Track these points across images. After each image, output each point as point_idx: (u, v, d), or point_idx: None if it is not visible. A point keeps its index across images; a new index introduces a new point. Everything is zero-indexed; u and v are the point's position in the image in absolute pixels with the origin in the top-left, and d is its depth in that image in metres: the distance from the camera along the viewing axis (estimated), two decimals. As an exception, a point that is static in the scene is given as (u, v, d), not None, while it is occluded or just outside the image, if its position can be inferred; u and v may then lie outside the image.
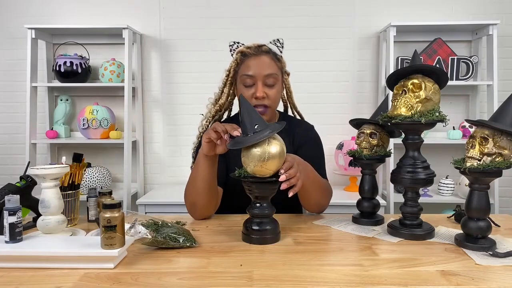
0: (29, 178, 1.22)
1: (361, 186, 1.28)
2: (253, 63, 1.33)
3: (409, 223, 1.14)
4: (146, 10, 2.75)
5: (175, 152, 2.81)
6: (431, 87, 1.07)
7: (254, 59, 1.34)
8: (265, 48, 1.36)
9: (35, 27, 2.52)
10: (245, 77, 1.33)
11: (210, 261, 0.96)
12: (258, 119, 1.05)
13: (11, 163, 2.82)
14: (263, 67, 1.32)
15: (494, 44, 2.47)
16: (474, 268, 0.91)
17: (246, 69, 1.33)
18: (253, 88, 1.32)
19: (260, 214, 1.08)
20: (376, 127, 1.25)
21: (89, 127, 2.56)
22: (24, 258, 0.92)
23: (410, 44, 2.69)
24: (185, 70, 2.76)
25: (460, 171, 1.01)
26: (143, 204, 2.40)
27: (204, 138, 1.15)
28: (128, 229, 0.97)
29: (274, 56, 1.37)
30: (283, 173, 1.04)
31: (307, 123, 1.52)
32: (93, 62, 2.73)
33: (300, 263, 0.94)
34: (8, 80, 2.79)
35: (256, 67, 1.32)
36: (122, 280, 0.85)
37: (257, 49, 1.35)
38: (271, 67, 1.34)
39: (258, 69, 1.32)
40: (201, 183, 1.23)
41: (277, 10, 2.71)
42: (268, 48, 1.37)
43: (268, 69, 1.33)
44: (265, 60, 1.34)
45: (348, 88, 2.75)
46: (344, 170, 2.49)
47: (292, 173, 1.05)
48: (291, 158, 1.10)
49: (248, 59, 1.34)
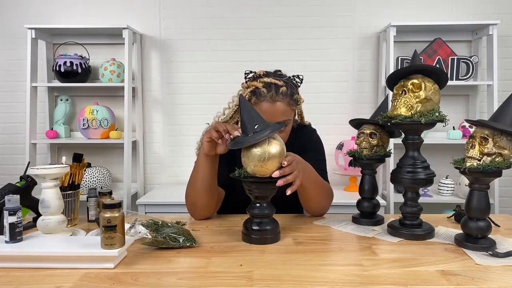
0: (29, 178, 1.22)
1: (361, 186, 1.28)
2: (266, 109, 1.23)
3: (409, 223, 1.14)
4: (146, 10, 2.75)
5: (175, 152, 2.81)
6: (431, 87, 1.07)
7: (268, 105, 1.24)
8: (283, 91, 1.24)
9: (35, 27, 2.52)
10: None
11: (210, 261, 0.96)
12: (258, 119, 1.05)
13: (11, 163, 2.82)
14: (277, 114, 1.24)
15: (494, 44, 2.47)
16: (474, 268, 0.91)
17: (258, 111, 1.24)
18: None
19: (260, 214, 1.08)
20: (376, 127, 1.25)
21: (89, 127, 2.56)
22: (24, 258, 0.92)
23: (410, 44, 2.69)
24: (185, 70, 2.76)
25: (460, 171, 1.01)
26: (143, 204, 2.40)
27: (205, 137, 1.15)
28: (128, 229, 0.97)
29: (290, 99, 1.27)
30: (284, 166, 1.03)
31: (309, 127, 1.51)
32: (93, 62, 2.73)
33: (300, 263, 0.94)
34: (8, 80, 2.79)
35: (270, 114, 1.23)
36: (122, 280, 0.85)
37: (273, 94, 1.23)
38: (285, 114, 1.26)
39: (271, 116, 1.23)
40: (201, 183, 1.23)
41: (277, 10, 2.71)
42: (285, 91, 1.25)
43: (282, 116, 1.25)
44: (280, 107, 1.24)
45: (348, 88, 2.75)
46: (344, 170, 2.49)
47: (287, 171, 1.04)
48: (291, 157, 1.09)
49: (261, 102, 1.24)
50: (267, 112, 1.24)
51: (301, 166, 1.13)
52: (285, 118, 1.27)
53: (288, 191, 1.05)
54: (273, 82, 1.26)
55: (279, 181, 1.03)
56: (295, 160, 1.10)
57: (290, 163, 1.05)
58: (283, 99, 1.25)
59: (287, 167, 1.05)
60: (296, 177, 1.06)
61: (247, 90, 1.28)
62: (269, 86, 1.25)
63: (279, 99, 1.25)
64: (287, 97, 1.26)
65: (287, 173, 1.04)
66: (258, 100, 1.25)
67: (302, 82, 1.34)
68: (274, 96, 1.24)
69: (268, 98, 1.24)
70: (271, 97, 1.24)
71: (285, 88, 1.25)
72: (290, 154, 1.10)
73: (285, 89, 1.25)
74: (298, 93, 1.33)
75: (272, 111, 1.24)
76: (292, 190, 1.06)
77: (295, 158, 1.11)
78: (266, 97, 1.24)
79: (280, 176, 1.03)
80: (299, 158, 1.15)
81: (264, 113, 1.21)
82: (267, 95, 1.24)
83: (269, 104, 1.24)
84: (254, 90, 1.26)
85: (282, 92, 1.25)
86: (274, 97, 1.24)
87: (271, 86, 1.25)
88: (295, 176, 1.06)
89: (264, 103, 1.24)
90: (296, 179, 1.07)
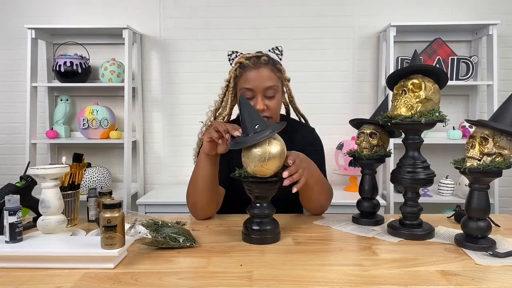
0: (29, 178, 1.22)
1: (361, 186, 1.28)
2: (252, 76, 1.30)
3: (409, 223, 1.14)
4: (146, 10, 2.75)
5: (175, 152, 2.81)
6: (431, 87, 1.07)
7: (253, 72, 1.30)
8: (264, 59, 1.32)
9: (35, 27, 2.52)
10: (245, 90, 1.31)
11: (210, 261, 0.96)
12: (259, 119, 1.05)
13: (11, 163, 2.82)
14: (263, 80, 1.30)
15: (494, 44, 2.47)
16: (474, 268, 0.91)
17: (245, 82, 1.31)
18: (253, 101, 1.31)
19: (260, 214, 1.08)
20: (376, 127, 1.25)
21: (89, 127, 2.56)
22: (24, 258, 0.92)
23: (410, 44, 2.69)
24: (185, 70, 2.76)
25: (460, 171, 1.01)
26: (143, 204, 2.40)
27: (206, 137, 1.15)
28: (128, 229, 0.97)
29: (273, 67, 1.33)
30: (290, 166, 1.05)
31: (308, 126, 1.52)
32: (93, 62, 2.73)
33: (300, 263, 0.94)
34: (8, 80, 2.79)
35: (255, 80, 1.30)
36: (122, 280, 0.86)
37: (255, 61, 1.31)
38: (270, 79, 1.31)
39: (257, 82, 1.30)
40: (202, 183, 1.23)
41: (277, 10, 2.71)
42: (267, 59, 1.33)
43: (267, 81, 1.31)
44: (264, 72, 1.31)
45: (348, 88, 2.75)
46: (344, 170, 2.49)
47: (294, 169, 1.06)
48: (295, 154, 1.10)
49: (247, 71, 1.31)
50: (253, 78, 1.30)
51: (305, 163, 1.13)
52: (271, 83, 1.32)
53: (294, 188, 1.06)
54: (254, 54, 1.35)
55: (285, 180, 1.04)
56: (299, 158, 1.11)
57: (294, 160, 1.07)
58: (266, 65, 1.32)
59: (293, 166, 1.05)
60: (301, 175, 1.07)
61: (232, 70, 1.35)
62: (251, 57, 1.34)
63: (261, 65, 1.32)
64: (269, 64, 1.33)
65: (293, 172, 1.05)
66: (243, 71, 1.32)
67: (282, 54, 1.39)
68: (257, 63, 1.31)
69: (251, 65, 1.31)
70: (253, 63, 1.31)
71: (266, 57, 1.34)
72: (292, 153, 1.11)
73: (266, 58, 1.33)
74: (281, 65, 1.39)
75: (257, 77, 1.30)
76: (298, 187, 1.07)
77: (299, 156, 1.12)
78: (250, 65, 1.31)
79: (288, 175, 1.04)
80: (302, 156, 1.16)
81: (251, 80, 1.30)
82: (250, 63, 1.31)
83: (253, 71, 1.31)
84: (239, 65, 1.34)
85: (264, 59, 1.32)
86: (257, 63, 1.31)
87: (253, 57, 1.34)
88: (300, 174, 1.07)
89: (249, 72, 1.31)
90: (302, 177, 1.07)
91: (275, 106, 1.34)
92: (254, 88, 1.30)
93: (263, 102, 1.31)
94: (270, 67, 1.33)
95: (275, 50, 1.39)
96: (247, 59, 1.32)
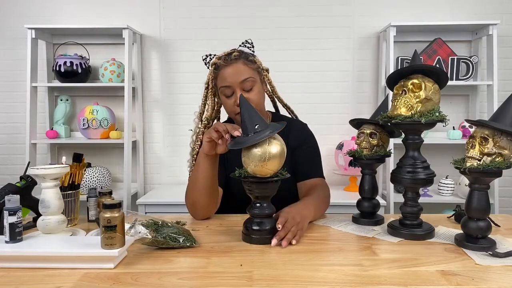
0: (29, 178, 1.22)
1: (361, 186, 1.27)
2: (227, 73, 1.31)
3: (409, 223, 1.14)
4: (146, 10, 2.75)
5: (175, 152, 2.81)
6: (431, 87, 1.07)
7: (227, 69, 1.32)
8: (235, 54, 1.34)
9: (35, 27, 2.52)
10: (224, 89, 1.32)
11: (210, 261, 0.96)
12: (259, 119, 1.05)
13: (11, 163, 2.82)
14: (237, 74, 1.31)
15: (494, 44, 2.47)
16: (474, 268, 0.91)
17: (222, 81, 1.33)
18: (233, 97, 1.32)
19: (260, 214, 1.08)
20: (376, 127, 1.25)
21: (89, 127, 2.56)
22: (24, 258, 0.92)
23: (410, 44, 2.69)
24: (185, 70, 2.76)
25: (460, 171, 1.01)
26: (143, 204, 2.41)
27: (205, 137, 1.15)
28: (128, 229, 0.97)
29: (245, 60, 1.34)
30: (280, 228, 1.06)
31: (300, 121, 1.51)
32: (93, 62, 2.73)
33: (300, 263, 0.94)
34: (8, 80, 2.79)
35: (230, 77, 1.31)
36: (122, 280, 0.85)
37: (227, 58, 1.33)
38: (245, 72, 1.32)
39: (232, 78, 1.30)
40: (202, 183, 1.23)
41: (277, 10, 2.71)
42: (237, 54, 1.34)
43: (242, 75, 1.31)
44: (237, 67, 1.32)
45: (348, 88, 2.75)
46: (344, 170, 2.49)
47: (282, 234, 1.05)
48: (285, 214, 1.10)
49: (221, 70, 1.33)
50: (228, 75, 1.31)
51: (299, 218, 1.12)
52: (246, 76, 1.32)
53: (293, 241, 1.06)
54: (227, 52, 1.37)
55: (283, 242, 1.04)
56: (290, 217, 1.10)
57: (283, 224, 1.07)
58: (238, 60, 1.33)
59: (282, 230, 1.06)
60: (294, 234, 1.07)
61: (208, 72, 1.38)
62: (222, 56, 1.36)
63: (233, 61, 1.33)
64: (241, 58, 1.34)
65: (283, 237, 1.05)
66: (218, 70, 1.34)
67: (253, 46, 1.40)
68: (228, 60, 1.33)
69: (223, 63, 1.33)
70: (224, 61, 1.33)
71: (236, 52, 1.35)
72: (283, 214, 1.11)
73: (237, 53, 1.35)
74: (255, 56, 1.40)
75: (231, 73, 1.31)
76: (297, 241, 1.07)
77: (289, 215, 1.11)
78: (222, 64, 1.33)
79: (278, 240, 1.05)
80: (294, 213, 1.13)
81: (226, 77, 1.31)
82: (222, 61, 1.33)
83: (227, 68, 1.32)
84: (214, 67, 1.36)
85: (235, 55, 1.34)
86: (228, 60, 1.33)
87: (224, 55, 1.36)
88: (293, 232, 1.07)
89: (223, 70, 1.33)
90: (297, 234, 1.07)
91: (255, 97, 1.34)
92: (231, 84, 1.31)
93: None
94: (242, 60, 1.34)
95: (246, 44, 1.40)
96: (219, 59, 1.35)
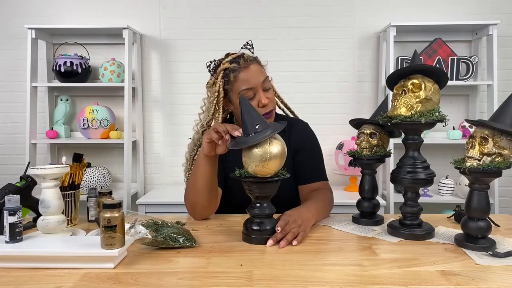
0: (29, 178, 1.22)
1: (361, 186, 1.27)
2: (248, 76, 1.29)
3: (409, 223, 1.14)
4: (146, 10, 2.75)
5: (175, 152, 2.81)
6: (431, 87, 1.07)
7: (246, 72, 1.29)
8: (248, 56, 1.33)
9: (35, 27, 2.52)
10: (245, 91, 1.29)
11: (210, 261, 0.96)
12: (259, 119, 1.05)
13: (11, 163, 2.82)
14: (257, 75, 1.30)
15: (494, 44, 2.47)
16: (474, 268, 0.91)
17: (243, 84, 1.29)
18: (255, 99, 1.30)
19: (260, 214, 1.08)
20: (376, 127, 1.25)
21: (89, 127, 2.56)
22: (24, 258, 0.92)
23: (410, 44, 2.69)
24: (185, 70, 2.76)
25: (460, 171, 1.01)
26: (143, 204, 2.41)
27: (205, 138, 1.15)
28: (128, 229, 0.97)
29: (257, 60, 1.35)
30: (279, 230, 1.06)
31: (301, 121, 1.50)
32: (93, 62, 2.73)
33: (300, 263, 0.94)
34: (8, 80, 2.79)
35: (253, 78, 1.29)
36: (122, 280, 0.86)
37: (243, 61, 1.30)
38: (262, 72, 1.33)
39: (256, 79, 1.29)
40: (202, 183, 1.23)
41: (277, 10, 2.71)
42: (250, 55, 1.34)
43: (261, 75, 1.31)
44: (255, 67, 1.31)
45: (348, 88, 2.75)
46: (344, 170, 2.49)
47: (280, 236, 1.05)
48: (286, 218, 1.10)
49: (239, 73, 1.29)
50: (249, 77, 1.29)
51: (300, 221, 1.12)
52: (265, 75, 1.32)
53: (294, 242, 1.06)
54: (235, 55, 1.33)
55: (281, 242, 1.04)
56: (291, 219, 1.10)
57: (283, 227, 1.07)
58: (253, 61, 1.33)
59: (280, 232, 1.06)
60: (295, 235, 1.07)
61: (218, 79, 1.32)
62: (235, 59, 1.31)
63: (250, 63, 1.31)
64: (254, 59, 1.34)
65: (280, 239, 1.05)
66: (236, 74, 1.29)
67: (253, 47, 1.39)
68: (245, 62, 1.30)
69: (242, 66, 1.29)
70: (244, 63, 1.29)
71: (248, 54, 1.34)
72: (283, 218, 1.10)
73: (248, 55, 1.33)
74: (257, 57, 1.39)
75: (252, 74, 1.29)
76: (299, 242, 1.06)
77: (290, 218, 1.11)
78: (241, 67, 1.29)
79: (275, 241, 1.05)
80: (295, 216, 1.13)
81: (249, 79, 1.28)
82: (241, 65, 1.29)
83: (246, 70, 1.30)
84: (225, 73, 1.31)
85: (248, 57, 1.32)
86: (245, 62, 1.30)
87: (237, 58, 1.31)
88: (294, 234, 1.07)
89: (242, 73, 1.29)
90: (298, 234, 1.07)
91: (273, 96, 1.36)
92: (254, 86, 1.30)
93: (265, 96, 1.31)
94: (256, 61, 1.34)
95: (247, 46, 1.39)
96: (232, 63, 1.30)
